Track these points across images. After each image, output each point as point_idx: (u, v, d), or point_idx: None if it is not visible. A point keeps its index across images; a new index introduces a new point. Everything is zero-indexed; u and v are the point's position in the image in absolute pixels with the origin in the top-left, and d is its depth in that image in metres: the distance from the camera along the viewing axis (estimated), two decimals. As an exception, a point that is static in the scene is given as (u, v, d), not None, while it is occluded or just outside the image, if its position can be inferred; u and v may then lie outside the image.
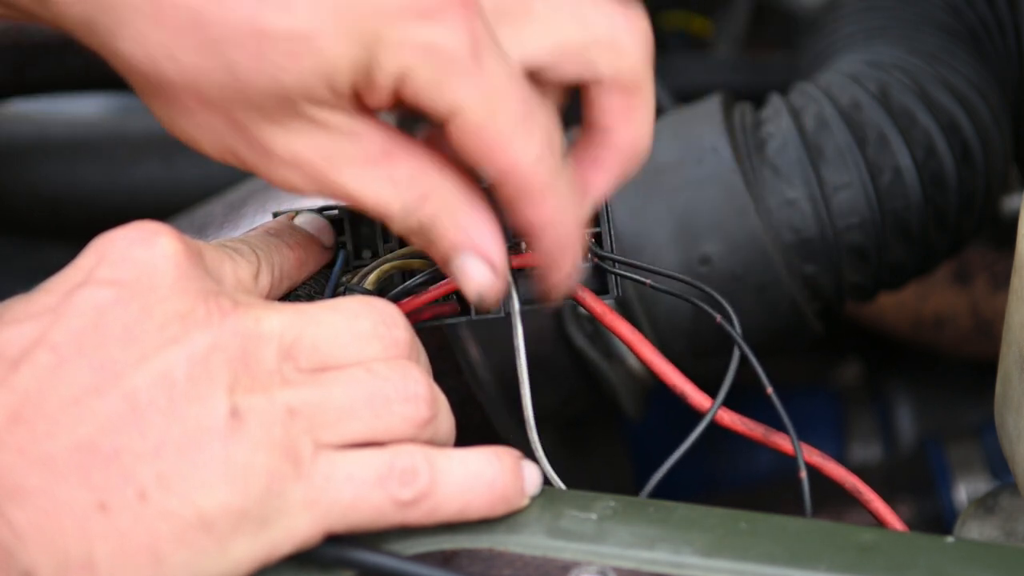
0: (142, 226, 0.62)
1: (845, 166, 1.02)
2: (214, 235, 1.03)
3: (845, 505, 1.23)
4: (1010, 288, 0.76)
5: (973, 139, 1.04)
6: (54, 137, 1.35)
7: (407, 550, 0.63)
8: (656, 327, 1.03)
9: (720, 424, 0.71)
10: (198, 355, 0.59)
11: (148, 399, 0.58)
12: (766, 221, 1.01)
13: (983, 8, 1.14)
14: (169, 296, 0.60)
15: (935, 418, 1.43)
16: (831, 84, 1.06)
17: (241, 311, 0.61)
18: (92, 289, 0.60)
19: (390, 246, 0.76)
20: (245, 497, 0.58)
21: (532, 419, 0.70)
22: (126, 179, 1.33)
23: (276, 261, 0.69)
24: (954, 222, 1.05)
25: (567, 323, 1.06)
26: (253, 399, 0.60)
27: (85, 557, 0.56)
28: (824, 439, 1.43)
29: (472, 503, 0.63)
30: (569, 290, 0.71)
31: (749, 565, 0.61)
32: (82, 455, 0.57)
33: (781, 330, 1.04)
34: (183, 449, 0.58)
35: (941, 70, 1.07)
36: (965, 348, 1.41)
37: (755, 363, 0.71)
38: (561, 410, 1.11)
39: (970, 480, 1.31)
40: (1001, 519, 0.83)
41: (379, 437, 0.62)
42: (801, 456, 0.69)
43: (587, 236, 0.77)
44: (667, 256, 1.02)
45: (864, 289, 1.07)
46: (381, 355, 0.64)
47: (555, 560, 0.62)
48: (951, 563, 0.60)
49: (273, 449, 0.59)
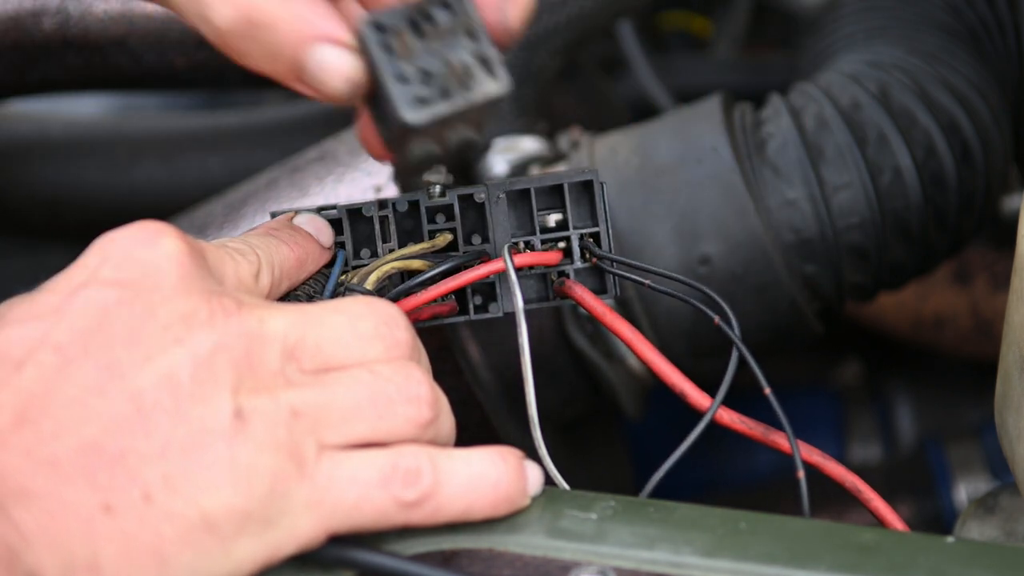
0: (145, 226, 0.63)
1: (845, 166, 1.02)
2: (214, 235, 1.03)
3: (845, 505, 1.23)
4: (1010, 288, 0.76)
5: (973, 139, 1.04)
6: (54, 137, 1.35)
7: (407, 550, 0.63)
8: (656, 327, 1.03)
9: (720, 423, 0.71)
10: (202, 356, 0.59)
11: (153, 400, 0.58)
12: (766, 221, 1.01)
13: (983, 8, 1.14)
14: (172, 296, 0.60)
15: (935, 418, 1.43)
16: (831, 84, 1.06)
17: (245, 312, 0.61)
18: (96, 289, 0.60)
19: (389, 246, 0.76)
20: (249, 498, 0.58)
21: (536, 418, 0.70)
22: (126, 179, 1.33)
23: (276, 261, 0.69)
24: (954, 222, 1.05)
25: (567, 323, 1.06)
26: (257, 400, 0.60)
27: (90, 558, 0.56)
28: (824, 439, 1.43)
29: (476, 504, 0.63)
30: None
31: (749, 565, 0.61)
32: (87, 456, 0.57)
33: (781, 330, 1.04)
34: (188, 450, 0.58)
35: (941, 70, 1.07)
36: (965, 348, 1.41)
37: (753, 364, 0.71)
38: (561, 410, 1.11)
39: (970, 480, 1.31)
40: (1001, 519, 0.83)
41: (382, 438, 0.62)
42: (798, 455, 0.69)
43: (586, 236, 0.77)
44: (667, 256, 1.02)
45: (864, 289, 1.07)
46: (383, 356, 0.64)
47: (555, 560, 0.62)
48: (951, 563, 0.60)
49: (277, 450, 0.59)
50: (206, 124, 1.35)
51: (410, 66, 0.64)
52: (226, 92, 1.66)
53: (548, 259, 0.76)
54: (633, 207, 1.02)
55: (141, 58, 1.14)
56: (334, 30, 0.63)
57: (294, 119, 1.30)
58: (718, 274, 1.01)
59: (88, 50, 1.14)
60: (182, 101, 1.74)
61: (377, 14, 0.64)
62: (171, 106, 1.74)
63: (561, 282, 0.76)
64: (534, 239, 0.77)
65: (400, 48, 0.63)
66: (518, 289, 0.71)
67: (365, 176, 0.99)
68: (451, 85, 0.64)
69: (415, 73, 0.63)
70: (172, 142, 1.34)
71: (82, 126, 1.39)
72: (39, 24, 1.13)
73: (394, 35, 0.64)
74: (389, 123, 0.65)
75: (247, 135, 1.33)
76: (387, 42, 0.63)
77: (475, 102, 0.64)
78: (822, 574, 0.60)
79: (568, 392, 1.10)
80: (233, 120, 1.35)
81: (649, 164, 1.04)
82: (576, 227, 0.77)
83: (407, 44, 0.63)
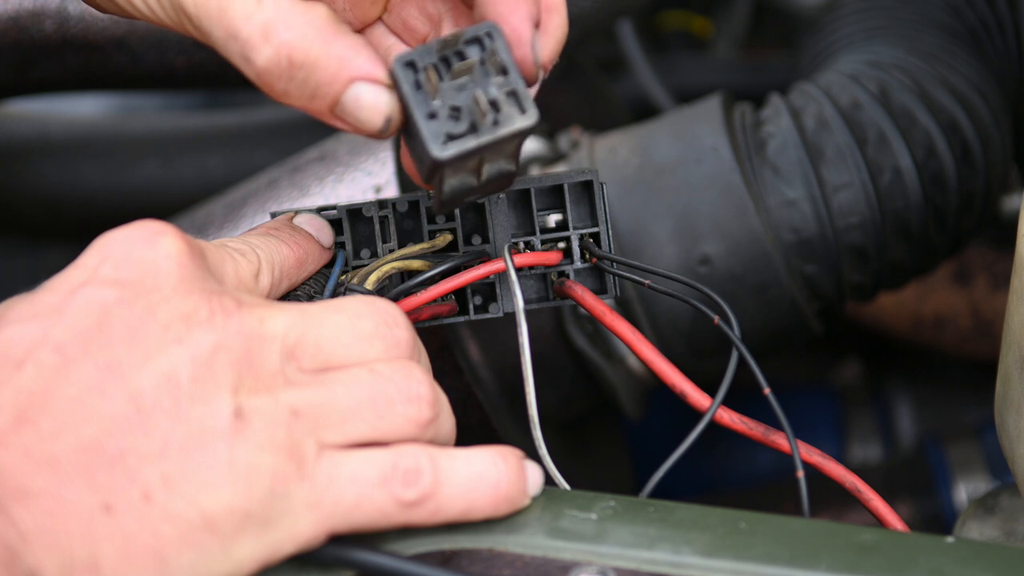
0: (145, 225, 0.62)
1: (845, 166, 1.02)
2: (214, 235, 1.03)
3: (845, 505, 1.23)
4: (1010, 288, 0.76)
5: (973, 139, 1.04)
6: (54, 137, 1.35)
7: (407, 550, 0.63)
8: (656, 327, 1.03)
9: (720, 423, 0.71)
10: (202, 356, 0.59)
11: (153, 400, 0.58)
12: (766, 221, 1.01)
13: (983, 8, 1.14)
14: (172, 296, 0.60)
15: (935, 418, 1.43)
16: (831, 84, 1.06)
17: (244, 311, 0.61)
18: (95, 289, 0.60)
19: (389, 246, 0.76)
20: (249, 498, 0.58)
21: (536, 418, 0.70)
22: (126, 179, 1.33)
23: (276, 261, 0.69)
24: (954, 222, 1.05)
25: (567, 323, 1.06)
26: (257, 400, 0.60)
27: (90, 558, 0.56)
28: (824, 439, 1.43)
29: (476, 503, 0.63)
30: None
31: (749, 565, 0.61)
32: (87, 456, 0.57)
33: (781, 330, 1.04)
34: (187, 450, 0.58)
35: (941, 70, 1.07)
36: (965, 348, 1.41)
37: (753, 364, 0.71)
38: (561, 410, 1.11)
39: (970, 480, 1.31)
40: (1001, 519, 0.83)
41: (382, 437, 0.62)
42: (798, 455, 0.69)
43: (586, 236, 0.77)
44: (667, 256, 1.02)
45: (864, 289, 1.07)
46: (383, 355, 0.64)
47: (555, 560, 0.62)
48: (951, 563, 0.60)
49: (277, 450, 0.59)
50: (206, 124, 1.35)
51: (440, 103, 0.65)
52: (226, 92, 1.66)
53: (548, 259, 0.76)
54: (633, 207, 1.02)
55: (141, 58, 1.14)
56: (371, 69, 0.65)
57: (294, 119, 1.30)
58: (718, 274, 1.01)
59: (88, 50, 1.14)
60: (182, 101, 1.74)
61: (410, 53, 0.65)
62: (171, 106, 1.74)
63: (561, 282, 0.76)
64: (534, 239, 0.77)
65: (430, 85, 0.65)
66: (518, 289, 0.71)
67: (365, 176, 0.99)
68: (479, 120, 0.65)
69: (445, 110, 0.65)
70: (172, 142, 1.34)
71: (82, 126, 1.39)
72: (39, 24, 1.13)
73: (425, 73, 0.65)
74: (423, 158, 0.66)
75: (247, 135, 1.33)
76: (418, 80, 0.65)
77: (503, 136, 0.65)
78: (822, 574, 0.60)
79: (568, 392, 1.10)
80: (233, 120, 1.35)
81: (649, 164, 1.04)
82: (576, 227, 0.77)
83: (438, 81, 0.65)
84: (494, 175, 0.70)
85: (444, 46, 0.65)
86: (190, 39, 1.12)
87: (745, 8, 1.77)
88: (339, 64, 0.64)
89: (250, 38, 0.64)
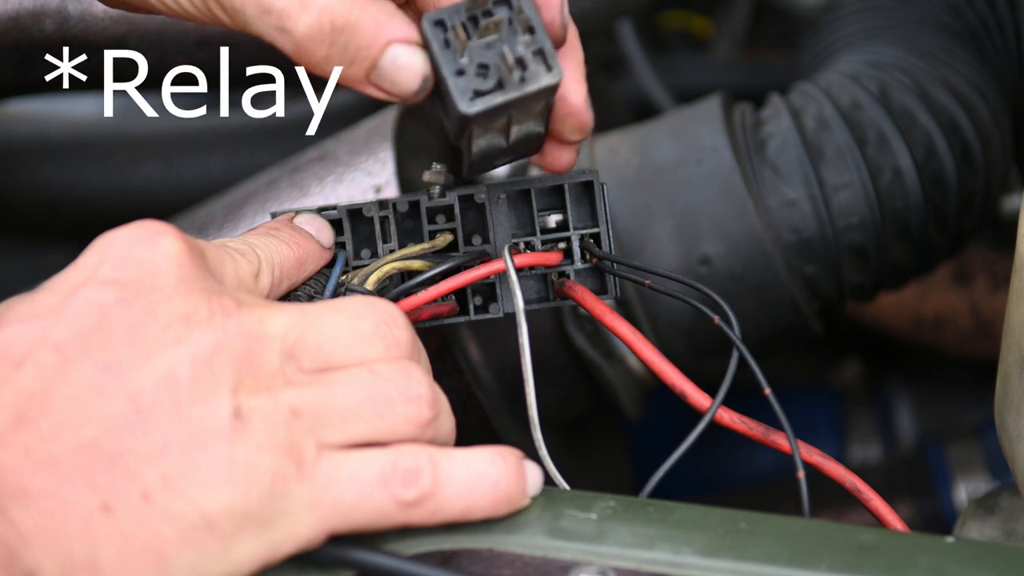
0: (145, 225, 0.62)
1: (845, 166, 1.02)
2: (214, 235, 1.03)
3: (845, 505, 1.23)
4: (1010, 288, 0.76)
5: (973, 139, 1.04)
6: (54, 137, 1.35)
7: (407, 550, 0.63)
8: (656, 327, 1.03)
9: (720, 423, 0.71)
10: (202, 356, 0.59)
11: (152, 400, 0.58)
12: (766, 221, 1.01)
13: (983, 8, 1.14)
14: (172, 296, 0.60)
15: (935, 418, 1.43)
16: (831, 84, 1.06)
17: (244, 311, 0.61)
18: (95, 288, 0.60)
19: (390, 246, 0.76)
20: (248, 498, 0.58)
21: (536, 418, 0.70)
22: (126, 179, 1.33)
23: (276, 261, 0.69)
24: (954, 222, 1.05)
25: (567, 323, 1.06)
26: (257, 400, 0.60)
27: (89, 558, 0.56)
28: (824, 439, 1.43)
29: (476, 503, 0.63)
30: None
31: (749, 565, 0.61)
32: (87, 456, 0.57)
33: (781, 330, 1.05)
34: (187, 450, 0.58)
35: (941, 70, 1.07)
36: (965, 348, 1.41)
37: (753, 364, 0.71)
38: (561, 410, 1.11)
39: (970, 480, 1.31)
40: (1001, 519, 0.83)
41: (382, 437, 0.62)
42: (798, 455, 0.69)
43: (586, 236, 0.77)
44: (667, 256, 1.02)
45: (864, 289, 1.07)
46: (383, 355, 0.64)
47: (555, 560, 0.62)
48: (951, 563, 0.60)
49: (277, 450, 0.59)
50: (206, 124, 1.35)
51: (468, 60, 0.66)
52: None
53: (548, 259, 0.76)
54: (633, 207, 1.02)
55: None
56: (406, 31, 0.66)
57: (294, 119, 1.30)
58: (718, 274, 1.01)
59: (88, 50, 1.14)
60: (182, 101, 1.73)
61: (439, 12, 0.66)
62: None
63: (561, 282, 0.76)
64: (534, 239, 0.77)
65: (459, 43, 0.66)
66: (518, 289, 0.71)
67: (365, 176, 0.99)
68: (507, 77, 0.66)
69: (472, 67, 0.66)
70: (172, 142, 1.34)
71: (82, 126, 1.39)
72: (39, 24, 1.13)
73: (453, 31, 0.66)
74: (451, 115, 0.67)
75: (247, 135, 1.33)
76: (447, 38, 0.66)
77: (529, 92, 0.66)
78: (822, 574, 0.60)
79: (568, 392, 1.10)
80: (233, 120, 1.35)
81: (649, 164, 1.04)
82: (576, 228, 0.77)
83: (466, 39, 0.66)
84: (522, 137, 0.71)
85: (473, 5, 0.66)
86: (190, 39, 1.12)
87: (745, 8, 1.77)
88: (376, 27, 0.65)
89: (286, 7, 0.64)
